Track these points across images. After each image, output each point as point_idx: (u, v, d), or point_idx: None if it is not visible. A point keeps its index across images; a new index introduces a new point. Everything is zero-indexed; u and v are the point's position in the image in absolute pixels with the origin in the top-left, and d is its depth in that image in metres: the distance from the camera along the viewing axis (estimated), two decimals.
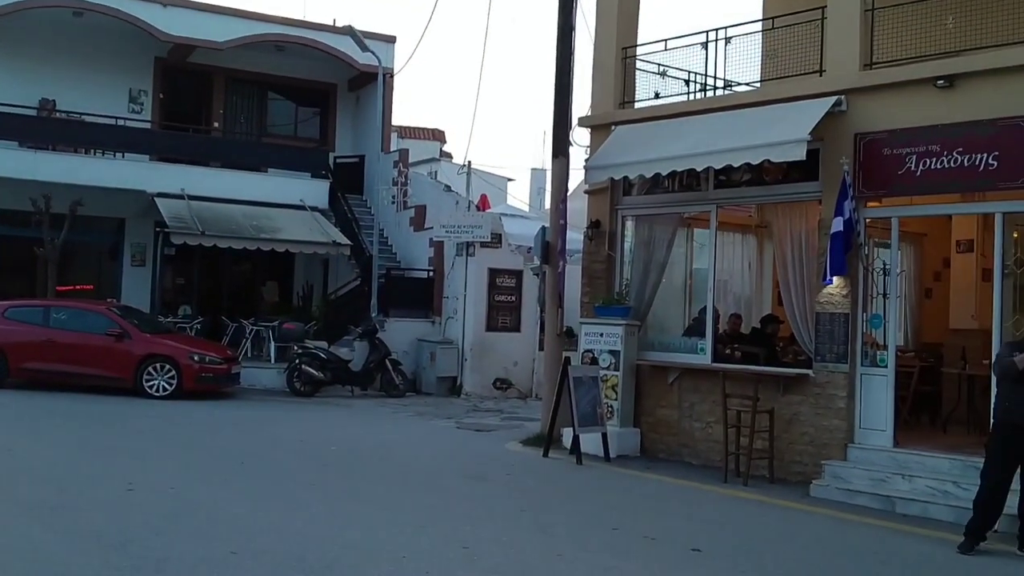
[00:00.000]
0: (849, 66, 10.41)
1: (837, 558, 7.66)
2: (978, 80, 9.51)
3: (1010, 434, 7.68)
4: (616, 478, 10.64)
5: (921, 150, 9.82)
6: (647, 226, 12.59)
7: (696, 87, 12.71)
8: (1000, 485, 7.75)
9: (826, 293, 10.42)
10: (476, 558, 6.99)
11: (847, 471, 9.89)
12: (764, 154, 10.35)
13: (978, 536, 7.77)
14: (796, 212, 11.21)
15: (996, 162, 9.30)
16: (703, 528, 8.39)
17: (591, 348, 12.19)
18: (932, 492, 9.22)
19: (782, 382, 10.77)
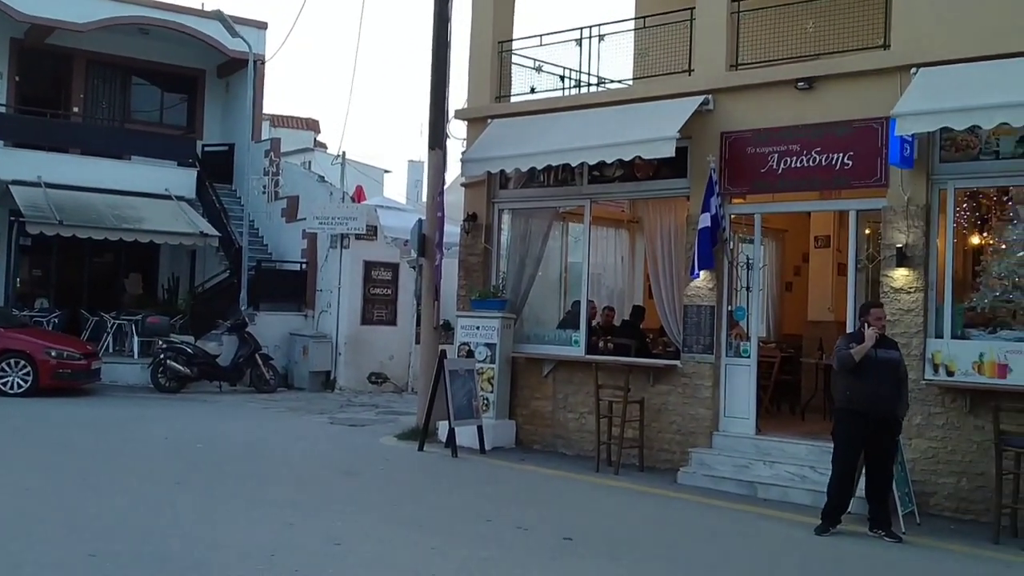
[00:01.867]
0: (716, 66, 10.75)
1: (702, 542, 7.92)
2: (835, 83, 9.98)
3: (853, 421, 8.06)
4: (491, 470, 10.70)
5: (782, 149, 10.23)
6: (523, 220, 12.69)
7: (571, 83, 12.89)
8: (848, 470, 8.15)
9: (693, 286, 10.75)
10: (348, 554, 6.90)
11: (712, 458, 10.24)
12: (635, 151, 10.58)
13: (833, 519, 8.16)
14: (666, 208, 11.52)
15: (851, 161, 9.78)
16: (575, 517, 8.53)
17: (467, 341, 12.21)
18: (791, 477, 9.64)
19: (652, 373, 11.06)
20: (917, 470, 9.12)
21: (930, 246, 9.36)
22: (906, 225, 9.41)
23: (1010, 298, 9.13)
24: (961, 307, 9.33)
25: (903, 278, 9.42)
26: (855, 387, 8.09)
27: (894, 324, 9.27)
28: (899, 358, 8.26)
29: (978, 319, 9.30)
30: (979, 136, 9.11)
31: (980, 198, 9.97)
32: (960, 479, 9.01)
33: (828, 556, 7.59)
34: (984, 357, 8.93)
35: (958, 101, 8.55)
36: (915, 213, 9.37)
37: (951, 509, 9.03)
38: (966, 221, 10.03)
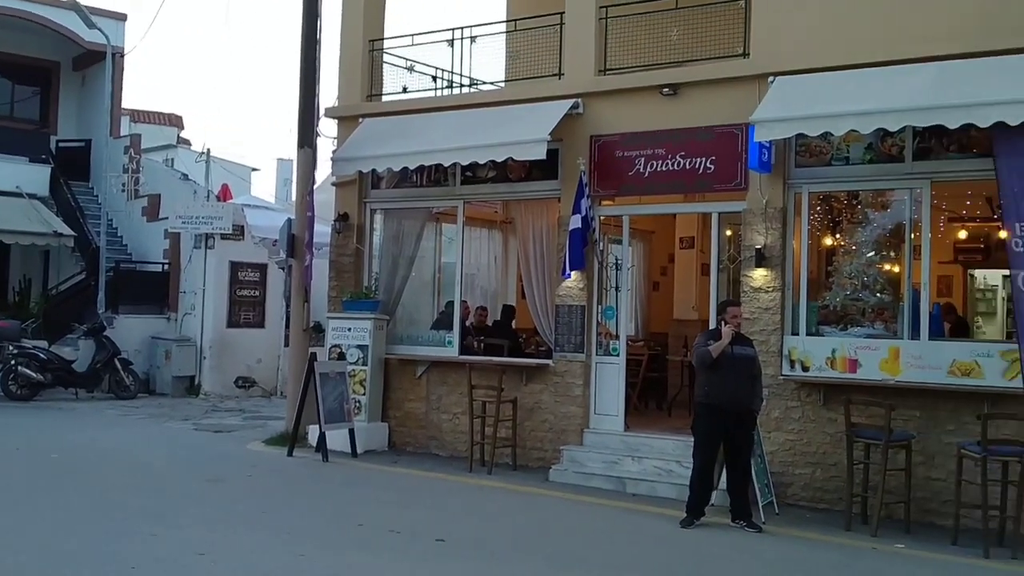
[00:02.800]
0: (585, 71, 10.94)
1: (572, 538, 8.03)
2: (698, 89, 10.31)
3: (711, 416, 8.35)
4: (363, 474, 10.56)
5: (649, 153, 10.50)
6: (396, 220, 12.60)
7: (443, 83, 12.88)
8: (709, 464, 8.43)
9: (565, 287, 10.91)
10: (214, 563, 6.68)
11: (583, 455, 10.41)
12: (508, 152, 10.66)
13: (697, 511, 8.42)
14: (538, 209, 11.65)
15: (713, 166, 10.13)
16: (448, 518, 8.52)
17: (339, 343, 12.03)
18: (658, 472, 9.90)
19: (525, 372, 11.16)
20: (776, 462, 9.52)
21: (787, 247, 9.78)
22: (764, 227, 9.81)
23: (860, 297, 9.63)
24: (815, 305, 9.79)
25: (762, 278, 9.81)
26: (713, 383, 8.38)
27: (754, 322, 9.65)
28: (754, 354, 8.59)
29: (831, 317, 9.78)
30: (831, 142, 9.59)
31: (832, 201, 10.48)
32: (815, 470, 9.46)
33: (692, 548, 7.83)
34: (836, 353, 9.41)
35: (811, 109, 8.95)
36: (773, 216, 9.78)
37: (807, 499, 9.46)
38: (820, 223, 10.52)
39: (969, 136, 8.79)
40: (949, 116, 8.24)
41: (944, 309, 11.85)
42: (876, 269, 9.71)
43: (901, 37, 9.13)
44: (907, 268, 9.38)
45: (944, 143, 9.08)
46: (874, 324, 9.53)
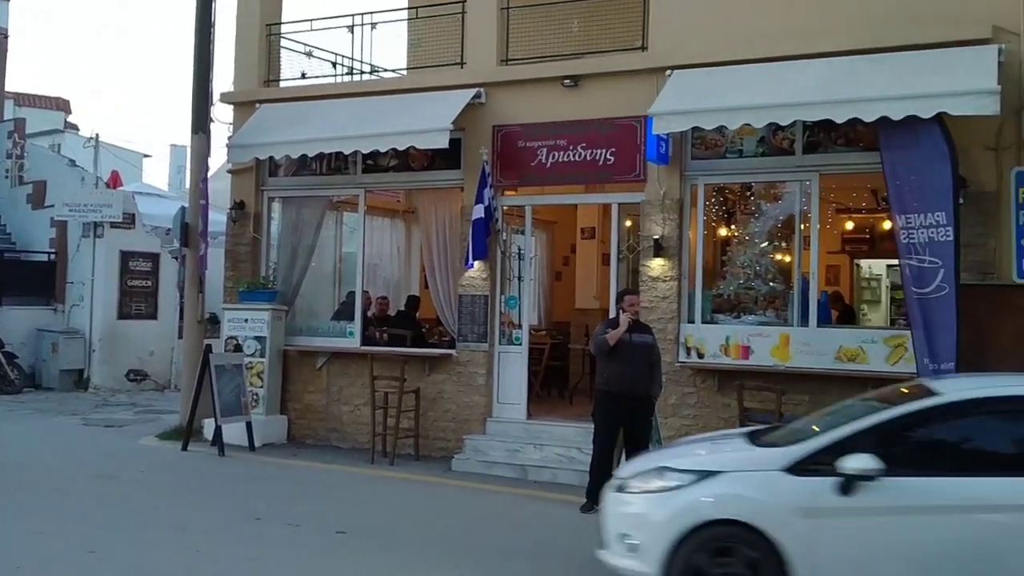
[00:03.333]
0: (487, 60, 10.95)
1: (473, 526, 8.05)
2: (599, 81, 10.43)
3: (611, 402, 8.50)
4: (261, 468, 10.36)
5: (551, 144, 10.58)
6: (295, 208, 12.37)
7: (343, 70, 12.70)
8: (609, 449, 8.57)
9: (468, 276, 10.91)
10: (104, 561, 6.47)
11: (486, 444, 10.45)
12: (409, 140, 10.58)
13: (596, 496, 8.49)
14: (441, 198, 11.61)
15: (613, 157, 10.27)
16: (349, 510, 8.44)
17: (235, 335, 11.76)
18: (560, 459, 10.02)
19: (428, 362, 11.13)
20: None
21: (683, 238, 10.00)
22: (662, 218, 10.01)
23: (752, 286, 9.92)
24: (710, 294, 10.04)
25: (659, 267, 10.01)
26: (612, 370, 8.51)
27: (652, 310, 9.84)
28: (652, 342, 8.76)
29: (725, 305, 10.05)
30: (726, 136, 9.84)
31: (727, 193, 10.78)
32: None
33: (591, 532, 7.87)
34: (730, 340, 9.68)
35: (707, 103, 9.16)
36: (670, 207, 9.98)
37: None
38: (715, 214, 10.81)
39: (856, 131, 9.15)
40: (836, 111, 8.54)
41: (832, 297, 12.32)
42: (768, 259, 10.01)
43: (792, 34, 9.41)
44: (797, 258, 9.70)
45: (832, 137, 9.42)
46: (766, 312, 9.84)
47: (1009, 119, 8.53)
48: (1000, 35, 8.65)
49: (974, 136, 8.62)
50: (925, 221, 8.21)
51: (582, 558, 7.07)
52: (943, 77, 8.31)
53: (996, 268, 8.59)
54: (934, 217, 8.17)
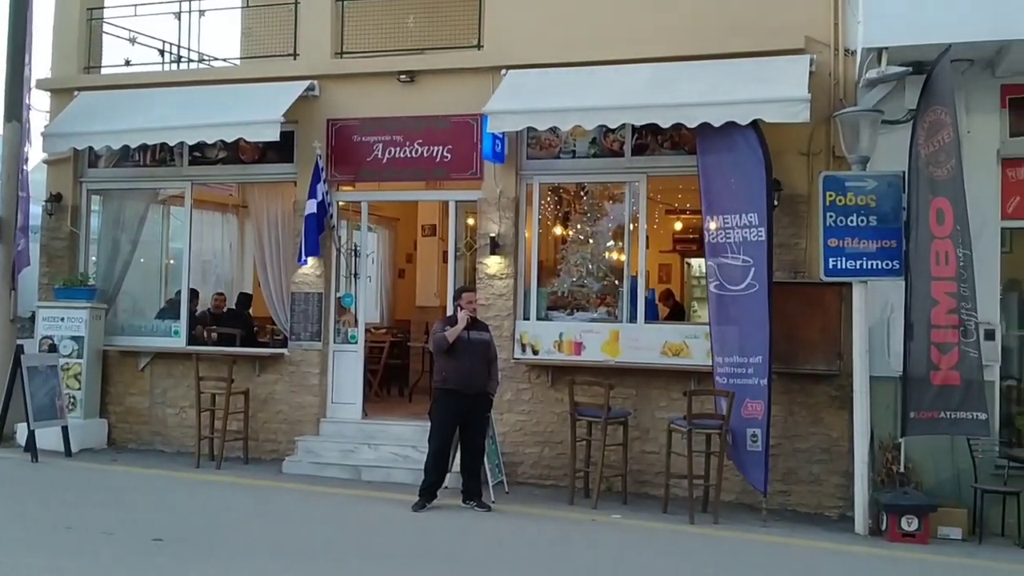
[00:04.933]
0: (322, 53, 10.74)
1: (300, 528, 7.84)
2: (435, 78, 10.40)
3: (449, 400, 8.50)
4: (77, 474, 9.80)
5: (387, 139, 10.48)
6: (117, 202, 11.78)
7: (171, 58, 12.19)
8: (444, 446, 8.56)
9: (301, 273, 10.67)
10: None
11: (319, 445, 10.25)
12: (238, 132, 10.25)
13: (430, 494, 8.51)
14: (273, 193, 11.31)
15: (450, 155, 10.27)
16: (169, 516, 8.08)
17: (50, 334, 11.08)
18: (395, 458, 9.93)
19: (258, 362, 10.82)
20: (507, 442, 9.84)
21: (519, 236, 10.11)
22: (499, 216, 10.08)
23: (584, 284, 10.15)
24: (545, 292, 10.19)
25: (496, 265, 10.09)
26: (450, 367, 8.51)
27: (489, 307, 9.91)
28: (490, 339, 8.80)
29: (559, 302, 10.23)
30: (560, 136, 10.02)
31: (562, 193, 10.96)
32: (544, 448, 9.87)
33: (422, 530, 7.90)
34: (563, 336, 9.86)
35: (540, 103, 9.28)
36: (506, 205, 10.06)
37: (536, 476, 9.86)
38: (550, 213, 10.97)
39: (681, 134, 9.49)
40: (662, 115, 8.82)
41: (663, 295, 12.78)
42: (600, 257, 10.27)
43: (622, 39, 9.66)
44: (627, 257, 9.97)
45: (659, 140, 9.74)
46: (598, 309, 10.08)
47: (819, 126, 9.05)
48: (812, 46, 9.17)
49: (787, 142, 9.09)
50: (739, 222, 8.61)
51: (411, 556, 7.05)
52: (759, 85, 8.71)
53: (806, 267, 9.09)
54: (748, 218, 8.58)
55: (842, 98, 9.07)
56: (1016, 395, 8.99)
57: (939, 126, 8.00)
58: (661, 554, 7.45)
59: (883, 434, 8.62)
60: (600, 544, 7.68)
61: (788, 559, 7.47)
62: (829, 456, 9.03)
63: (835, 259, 8.31)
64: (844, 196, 8.30)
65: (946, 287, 7.91)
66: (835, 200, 8.31)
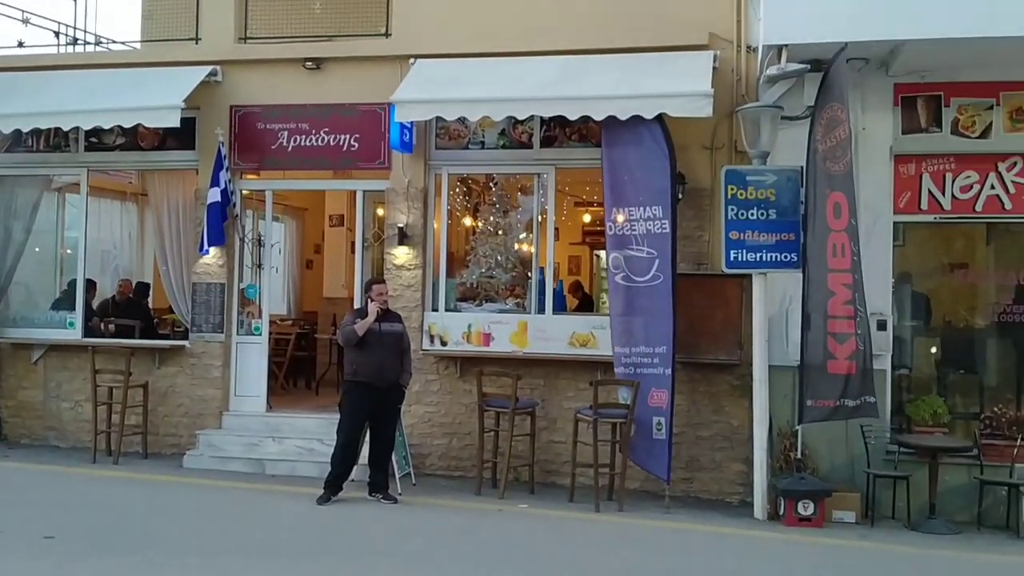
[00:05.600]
0: (225, 38, 10.49)
1: (200, 523, 7.66)
2: (342, 65, 10.25)
3: (359, 392, 8.40)
4: None
5: (292, 127, 10.30)
6: (7, 188, 11.27)
7: (67, 40, 11.73)
8: (353, 439, 8.47)
9: (203, 263, 10.41)
10: None
11: (221, 439, 10.02)
12: (137, 118, 9.92)
13: (335, 487, 8.42)
14: (174, 180, 11.01)
15: (358, 144, 10.15)
16: (62, 513, 7.78)
17: None
18: (300, 451, 9.78)
19: (158, 354, 10.52)
20: (415, 434, 9.79)
21: (428, 226, 10.06)
22: (407, 206, 10.01)
23: (493, 275, 10.15)
24: (454, 283, 10.17)
25: (404, 256, 10.01)
26: (360, 360, 8.41)
27: (397, 298, 9.82)
28: (402, 330, 8.71)
29: (468, 293, 10.22)
30: (468, 127, 9.99)
31: (471, 183, 10.93)
32: (452, 439, 9.85)
33: (327, 524, 7.79)
34: (472, 328, 9.85)
35: (448, 93, 9.20)
36: (415, 195, 9.99)
37: (444, 467, 9.84)
38: (460, 204, 10.93)
39: (588, 127, 9.57)
40: (569, 108, 8.83)
41: (572, 286, 12.88)
42: (509, 249, 10.28)
43: (532, 31, 9.67)
44: (536, 248, 10.01)
45: (567, 132, 9.80)
46: (506, 300, 10.10)
47: (722, 121, 9.23)
48: (716, 42, 9.35)
49: (692, 136, 9.25)
50: (644, 214, 8.72)
51: (313, 550, 6.94)
52: (664, 80, 8.82)
53: (709, 259, 9.27)
54: (652, 211, 8.69)
55: (744, 94, 9.28)
56: (907, 383, 9.35)
57: (836, 123, 8.23)
58: (567, 542, 7.52)
59: (781, 422, 8.86)
60: (507, 534, 7.70)
61: (689, 544, 7.62)
62: (730, 444, 9.24)
63: (736, 251, 8.50)
64: (745, 190, 8.49)
65: (842, 279, 8.16)
66: (736, 194, 8.50)
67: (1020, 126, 8.87)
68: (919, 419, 8.92)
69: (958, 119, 8.97)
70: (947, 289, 9.66)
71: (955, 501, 8.64)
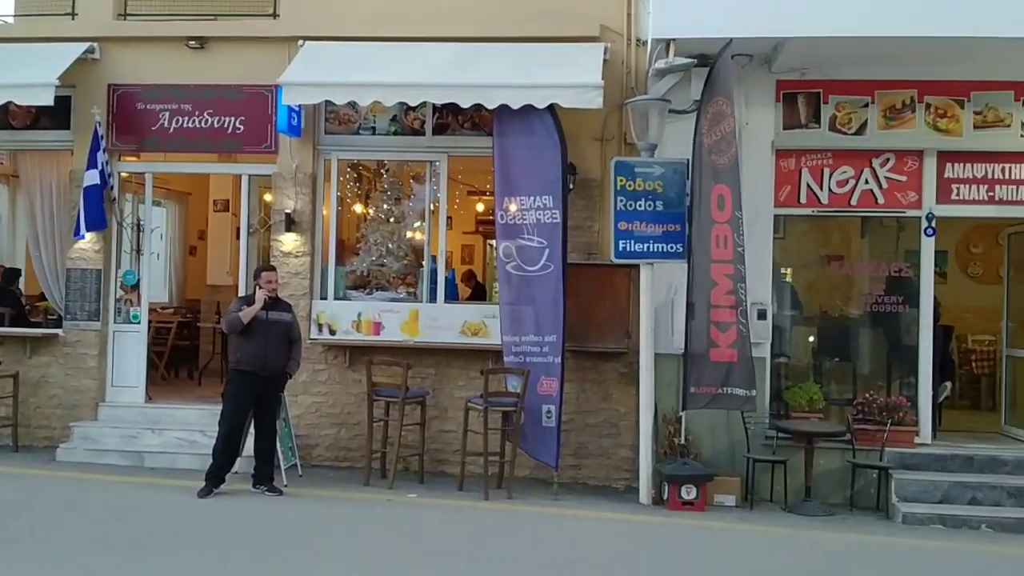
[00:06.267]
0: (103, 13, 10.05)
1: (72, 518, 7.33)
2: (228, 45, 9.95)
3: (243, 381, 8.19)
4: None
5: (174, 108, 9.95)
6: None
7: None
8: (236, 430, 8.25)
9: (78, 248, 9.97)
10: None
11: (97, 431, 9.63)
12: (9, 95, 9.40)
13: (217, 479, 8.19)
14: (48, 161, 10.49)
15: (243, 126, 9.88)
16: None
17: None
18: (180, 443, 9.48)
19: (29, 343, 10.04)
20: (302, 424, 9.62)
21: (316, 213, 9.87)
22: (295, 192, 9.80)
23: (384, 263, 10.04)
24: (344, 270, 10.01)
25: (292, 243, 9.80)
26: (246, 348, 8.20)
27: (284, 286, 9.60)
28: (291, 319, 8.52)
29: (359, 281, 10.08)
30: (359, 112, 9.84)
31: (362, 169, 10.78)
32: (340, 430, 9.72)
33: (209, 517, 7.58)
34: (362, 316, 9.73)
35: (338, 77, 9.01)
36: (303, 181, 9.79)
37: (332, 458, 9.70)
38: (350, 190, 10.77)
39: (481, 115, 9.55)
40: (462, 95, 8.77)
41: (464, 275, 12.87)
42: (401, 237, 10.18)
43: (425, 16, 9.58)
44: (428, 236, 9.94)
45: (460, 120, 9.76)
46: (398, 289, 10.00)
47: (613, 113, 9.35)
48: (606, 34, 9.45)
49: (583, 127, 9.34)
50: (535, 204, 8.77)
51: (194, 544, 6.74)
52: (556, 70, 8.86)
53: (599, 249, 9.39)
54: (543, 200, 8.75)
55: (634, 87, 9.41)
56: (785, 371, 9.68)
57: (721, 117, 8.43)
58: (455, 531, 7.51)
59: (667, 408, 9.06)
60: (394, 524, 7.64)
61: (575, 529, 7.71)
62: (617, 430, 9.40)
63: (625, 242, 8.63)
64: (633, 181, 8.62)
65: (725, 269, 8.37)
66: (625, 185, 8.62)
67: (893, 124, 9.28)
68: (796, 405, 9.25)
69: (836, 116, 9.32)
70: (824, 280, 10.03)
71: (829, 484, 8.99)
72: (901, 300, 9.50)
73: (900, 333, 9.58)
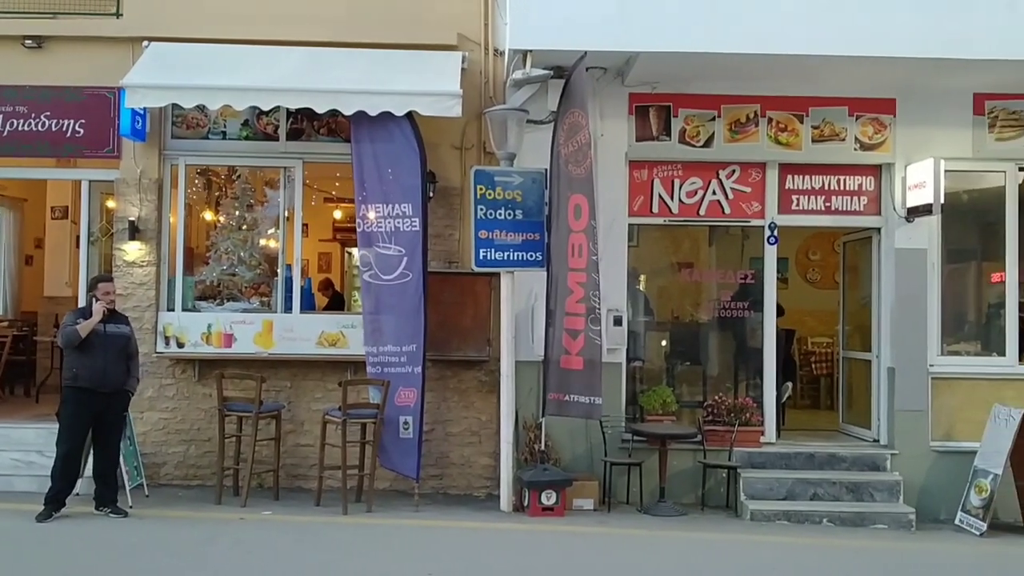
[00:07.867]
0: None
1: None
2: (67, 45, 9.44)
3: (80, 399, 7.75)
4: None
5: (9, 110, 9.37)
6: None
7: None
8: (76, 450, 7.79)
9: None
10: None
11: None
12: None
13: (57, 503, 7.72)
14: None
15: (83, 130, 9.38)
16: None
17: None
18: (17, 464, 8.90)
19: None
20: (148, 443, 9.20)
21: (163, 220, 9.47)
22: (139, 198, 9.38)
23: (235, 272, 9.70)
24: (192, 280, 9.62)
25: (136, 252, 9.38)
26: (83, 364, 7.76)
27: (128, 298, 9.19)
28: (130, 333, 8.13)
29: (209, 291, 9.70)
30: (209, 116, 9.51)
31: (212, 176, 10.39)
32: (189, 447, 9.33)
33: (49, 542, 7.12)
34: (212, 328, 9.38)
35: (186, 79, 8.65)
36: (148, 187, 9.39)
37: (181, 477, 9.31)
38: (199, 197, 10.38)
39: (337, 121, 9.40)
40: (317, 100, 8.58)
41: (322, 284, 12.63)
42: (254, 245, 9.87)
43: (278, 19, 9.35)
44: (282, 244, 9.68)
45: (315, 126, 9.57)
46: (251, 299, 9.69)
47: (472, 121, 9.38)
48: (464, 43, 9.47)
49: (443, 135, 9.33)
50: (393, 212, 8.68)
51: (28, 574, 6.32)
52: (414, 77, 8.80)
53: (460, 257, 9.38)
54: (402, 208, 8.67)
55: (492, 96, 9.47)
56: (640, 375, 9.93)
57: (577, 128, 8.57)
58: (310, 548, 7.30)
59: (527, 415, 9.13)
60: (247, 543, 7.36)
61: (436, 541, 7.65)
62: (479, 439, 9.41)
63: (485, 250, 8.66)
64: (493, 190, 8.67)
65: (578, 277, 8.50)
66: (485, 194, 8.66)
67: (738, 137, 9.67)
68: (650, 408, 9.50)
69: (685, 129, 9.64)
70: (676, 286, 10.37)
71: (682, 484, 9.28)
72: (747, 305, 9.91)
73: (746, 337, 9.99)
